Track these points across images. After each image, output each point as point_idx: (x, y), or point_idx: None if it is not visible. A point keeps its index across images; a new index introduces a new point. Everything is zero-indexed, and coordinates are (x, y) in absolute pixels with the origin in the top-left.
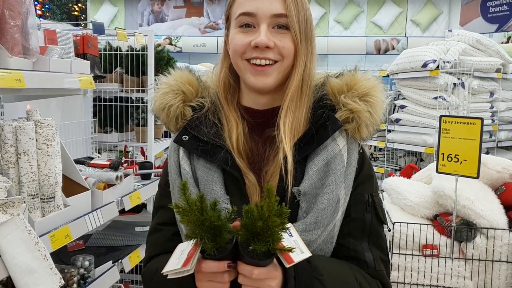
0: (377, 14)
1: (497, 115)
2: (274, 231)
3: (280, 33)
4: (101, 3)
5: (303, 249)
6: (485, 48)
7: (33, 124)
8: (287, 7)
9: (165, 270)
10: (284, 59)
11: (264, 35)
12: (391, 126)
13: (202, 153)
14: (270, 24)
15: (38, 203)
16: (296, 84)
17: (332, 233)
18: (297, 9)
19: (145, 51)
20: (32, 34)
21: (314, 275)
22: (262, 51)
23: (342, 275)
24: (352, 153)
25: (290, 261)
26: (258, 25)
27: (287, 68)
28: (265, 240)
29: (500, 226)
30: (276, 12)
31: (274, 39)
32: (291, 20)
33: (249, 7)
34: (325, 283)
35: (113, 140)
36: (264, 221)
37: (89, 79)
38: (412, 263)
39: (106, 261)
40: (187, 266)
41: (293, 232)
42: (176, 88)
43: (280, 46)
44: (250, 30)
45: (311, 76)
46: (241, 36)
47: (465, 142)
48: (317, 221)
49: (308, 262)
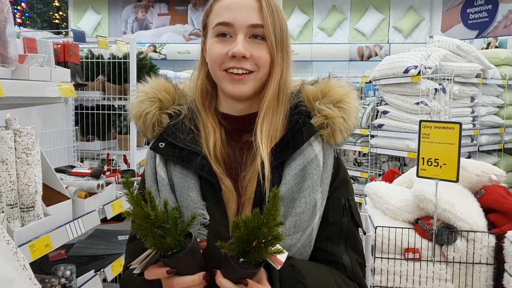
0: (360, 21)
1: (478, 119)
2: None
3: (256, 43)
4: (85, 10)
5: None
6: (466, 54)
7: (12, 133)
8: (263, 17)
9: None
10: (260, 69)
11: (241, 45)
12: (374, 131)
13: (178, 160)
14: (247, 34)
15: (17, 213)
16: (273, 92)
17: (311, 237)
18: (273, 19)
19: (127, 58)
20: (10, 43)
21: (297, 278)
22: (239, 61)
23: (323, 278)
24: (328, 157)
25: (279, 262)
26: (235, 35)
27: (264, 77)
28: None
29: (480, 229)
30: (253, 22)
31: (250, 49)
32: (267, 31)
33: (226, 17)
34: (308, 286)
35: (96, 148)
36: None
37: (70, 87)
38: (395, 267)
39: (88, 270)
40: (135, 264)
41: None
42: (152, 95)
43: (256, 57)
44: (227, 40)
45: (287, 83)
46: (218, 46)
47: (444, 146)
48: (296, 225)
49: (291, 266)
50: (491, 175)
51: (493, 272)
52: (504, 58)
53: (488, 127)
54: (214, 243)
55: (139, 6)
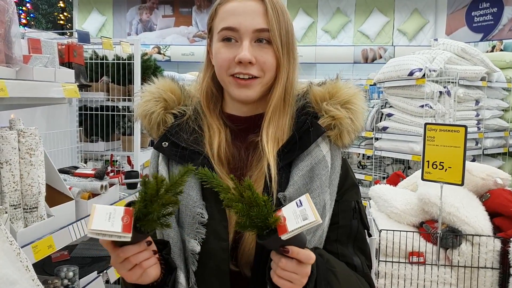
0: (364, 23)
1: (483, 123)
2: (265, 205)
3: (262, 47)
4: (89, 12)
5: (308, 215)
6: (470, 57)
7: (15, 133)
8: (269, 21)
9: (94, 228)
10: (266, 74)
11: (247, 50)
12: (379, 134)
13: (180, 159)
14: (253, 38)
15: (20, 213)
16: (279, 95)
17: (321, 239)
18: (279, 23)
19: (132, 60)
20: (15, 43)
21: (327, 267)
22: (245, 67)
23: (345, 268)
24: (336, 159)
25: (283, 231)
26: (240, 40)
27: (269, 81)
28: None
29: (485, 233)
30: (258, 27)
31: (256, 54)
32: (273, 35)
33: (231, 22)
34: (338, 275)
35: (99, 149)
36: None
37: (74, 88)
38: (399, 271)
39: (91, 271)
40: (128, 233)
41: (304, 202)
42: (157, 95)
43: (261, 62)
44: (232, 45)
45: (294, 85)
46: (224, 51)
47: (449, 149)
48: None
49: (320, 256)
50: (496, 179)
51: (499, 277)
52: (509, 61)
53: (492, 130)
54: (212, 243)
55: (144, 7)
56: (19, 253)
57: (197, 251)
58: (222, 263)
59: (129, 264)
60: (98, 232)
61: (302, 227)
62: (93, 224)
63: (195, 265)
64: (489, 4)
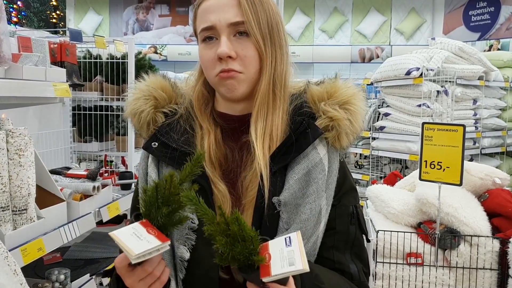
0: (361, 23)
1: (481, 122)
2: (252, 241)
3: (242, 40)
4: (85, 11)
5: (296, 261)
6: (468, 56)
7: (4, 133)
8: (243, 13)
9: (138, 253)
10: (248, 68)
11: (225, 46)
12: (376, 133)
13: (170, 161)
14: (230, 33)
15: (9, 216)
16: (265, 88)
17: (315, 245)
18: (256, 13)
19: (126, 59)
20: (3, 41)
21: (315, 283)
22: (227, 62)
23: (337, 283)
24: (333, 162)
25: (266, 274)
26: (219, 36)
27: (255, 74)
28: (244, 253)
29: (484, 234)
30: (233, 20)
31: (236, 48)
32: (250, 27)
33: (207, 21)
34: None
35: (93, 149)
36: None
37: (65, 87)
38: (397, 272)
39: (83, 274)
40: (166, 241)
41: (293, 241)
42: (147, 93)
43: (242, 55)
44: (214, 43)
45: (285, 77)
46: (206, 52)
47: (447, 149)
48: (301, 233)
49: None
50: (495, 179)
51: (497, 278)
52: (506, 60)
53: (490, 130)
54: (202, 249)
55: (140, 7)
56: (7, 257)
57: (186, 258)
58: (211, 270)
59: (152, 278)
60: (144, 254)
61: (286, 273)
62: (133, 249)
63: (182, 272)
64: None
